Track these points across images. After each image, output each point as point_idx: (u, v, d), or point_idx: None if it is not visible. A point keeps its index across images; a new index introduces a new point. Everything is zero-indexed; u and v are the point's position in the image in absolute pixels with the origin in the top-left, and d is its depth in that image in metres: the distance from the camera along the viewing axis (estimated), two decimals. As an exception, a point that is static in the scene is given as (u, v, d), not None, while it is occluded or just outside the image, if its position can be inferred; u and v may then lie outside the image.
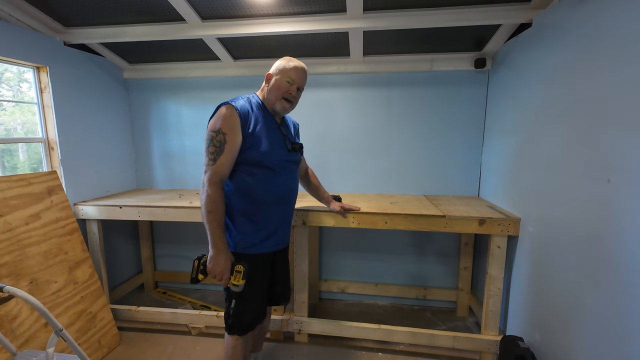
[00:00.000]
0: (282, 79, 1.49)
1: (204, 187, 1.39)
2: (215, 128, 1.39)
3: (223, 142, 1.38)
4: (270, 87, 1.51)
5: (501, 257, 1.98)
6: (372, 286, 2.81)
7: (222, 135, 1.38)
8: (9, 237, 1.79)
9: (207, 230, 1.39)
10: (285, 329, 2.26)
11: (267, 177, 1.49)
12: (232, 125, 1.39)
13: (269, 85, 1.52)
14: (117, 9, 2.04)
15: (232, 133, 1.39)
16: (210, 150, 1.38)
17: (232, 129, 1.39)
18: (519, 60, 2.00)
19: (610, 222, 1.27)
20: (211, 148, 1.38)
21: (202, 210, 1.40)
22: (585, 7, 1.44)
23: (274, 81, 1.51)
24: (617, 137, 1.25)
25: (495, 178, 2.32)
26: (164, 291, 3.07)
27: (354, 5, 1.88)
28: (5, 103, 2.19)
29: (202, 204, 1.39)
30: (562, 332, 1.55)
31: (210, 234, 1.39)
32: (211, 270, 1.42)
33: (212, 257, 1.41)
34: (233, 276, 1.43)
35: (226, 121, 1.39)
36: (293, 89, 1.50)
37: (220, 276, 1.41)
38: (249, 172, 1.47)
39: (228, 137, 1.38)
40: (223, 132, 1.38)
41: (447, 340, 2.07)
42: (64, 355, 1.47)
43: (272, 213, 1.54)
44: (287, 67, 1.50)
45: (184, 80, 2.80)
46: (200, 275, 1.45)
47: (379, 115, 2.63)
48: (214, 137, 1.38)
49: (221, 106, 1.44)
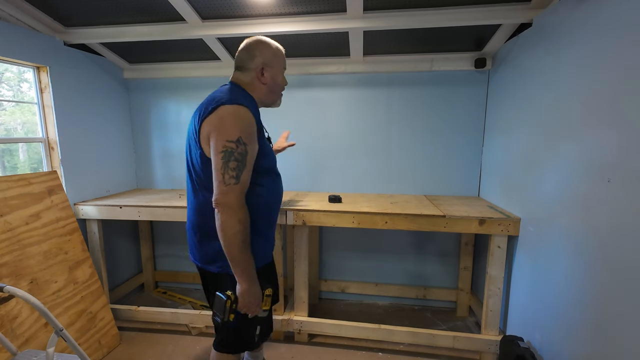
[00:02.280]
0: (279, 72, 1.32)
1: (230, 212, 1.12)
2: (233, 137, 1.11)
3: (244, 154, 1.13)
4: (271, 84, 1.31)
5: (501, 257, 1.98)
6: (372, 286, 2.81)
7: (244, 146, 1.13)
8: (9, 237, 1.79)
9: (236, 262, 1.17)
10: (285, 329, 2.26)
11: (274, 183, 1.34)
12: (252, 133, 1.17)
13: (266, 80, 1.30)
14: (117, 9, 2.04)
15: (252, 142, 1.17)
16: (231, 166, 1.11)
17: (252, 137, 1.17)
18: (519, 60, 2.00)
19: (610, 222, 1.27)
20: (232, 163, 1.11)
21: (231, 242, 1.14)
22: (585, 7, 1.44)
23: (271, 76, 1.30)
24: (617, 137, 1.25)
25: (495, 178, 2.32)
26: (164, 291, 3.07)
27: (354, 5, 1.87)
28: (5, 103, 2.20)
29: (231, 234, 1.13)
30: (562, 332, 1.55)
31: (244, 266, 1.17)
32: (246, 304, 1.22)
33: (246, 290, 1.20)
34: (263, 302, 1.28)
35: (245, 128, 1.14)
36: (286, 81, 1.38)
37: (255, 308, 1.24)
38: (259, 183, 1.26)
39: (249, 148, 1.15)
40: (244, 142, 1.13)
41: (447, 340, 2.07)
42: (64, 355, 1.47)
43: (275, 218, 1.42)
44: (280, 54, 1.32)
45: (184, 80, 2.80)
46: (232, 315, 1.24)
47: (379, 115, 2.63)
48: (235, 149, 1.11)
49: (224, 105, 1.15)
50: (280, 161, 1.79)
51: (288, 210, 2.11)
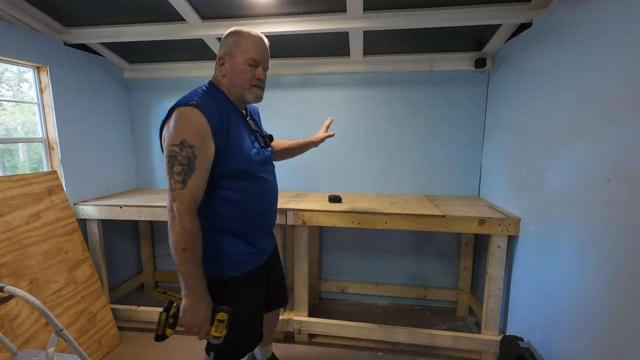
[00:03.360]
0: (240, 61, 1.19)
1: (173, 219, 1.08)
2: (176, 141, 1.07)
3: (192, 157, 1.07)
4: (230, 75, 1.21)
5: (501, 257, 1.98)
6: (372, 286, 2.81)
7: (189, 149, 1.07)
8: (9, 237, 1.79)
9: (180, 274, 1.09)
10: (285, 329, 2.26)
11: (252, 187, 1.25)
12: (201, 133, 1.09)
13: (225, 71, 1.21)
14: (117, 9, 2.04)
15: (202, 144, 1.09)
16: (175, 170, 1.07)
17: (201, 138, 1.09)
18: (519, 60, 2.00)
19: (610, 222, 1.27)
20: (177, 167, 1.07)
21: (172, 248, 1.09)
22: (586, 7, 1.44)
23: (230, 66, 1.20)
24: (617, 137, 1.25)
25: (495, 178, 2.32)
26: (164, 291, 3.05)
27: (354, 5, 1.87)
28: (5, 103, 2.20)
29: (173, 241, 1.08)
30: (562, 332, 1.55)
31: (186, 278, 1.09)
32: (186, 322, 1.10)
33: (188, 306, 1.10)
34: (214, 327, 1.13)
35: (192, 129, 1.07)
36: (259, 72, 1.22)
37: (197, 329, 1.11)
38: (230, 187, 1.20)
39: (197, 151, 1.07)
40: (189, 144, 1.07)
41: (447, 340, 2.07)
42: (64, 355, 1.47)
43: (262, 222, 1.34)
44: (244, 45, 1.18)
45: (184, 80, 2.80)
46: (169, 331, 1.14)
47: (379, 115, 2.63)
48: (178, 152, 1.06)
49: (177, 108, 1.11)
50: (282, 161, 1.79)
51: (288, 210, 2.11)
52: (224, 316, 1.12)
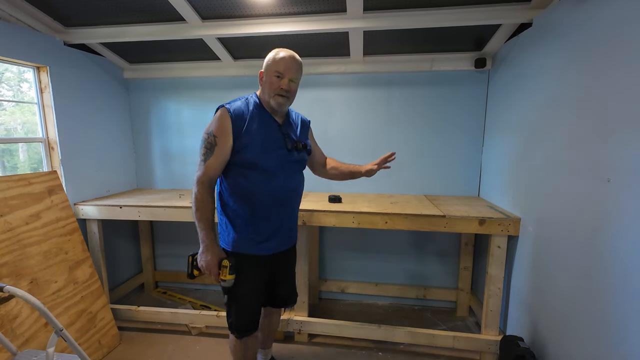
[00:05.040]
0: (270, 74, 1.45)
1: (194, 186, 1.44)
2: (208, 130, 1.43)
3: (213, 144, 1.41)
4: (263, 85, 1.49)
5: (501, 257, 1.98)
6: (372, 286, 2.81)
7: (213, 137, 1.41)
8: (9, 237, 1.79)
9: (196, 225, 1.44)
10: (285, 329, 2.26)
11: (263, 179, 1.47)
12: (224, 128, 1.41)
13: (262, 83, 1.50)
14: (117, 9, 2.04)
15: (223, 136, 1.41)
16: (202, 151, 1.43)
17: (223, 132, 1.41)
18: (519, 60, 2.00)
19: (610, 222, 1.27)
20: (203, 149, 1.43)
21: (193, 208, 1.44)
22: (586, 7, 1.44)
23: (265, 77, 1.48)
24: (617, 137, 1.25)
25: (495, 178, 2.32)
26: (164, 291, 3.07)
27: (354, 5, 1.87)
28: (5, 103, 2.20)
29: (192, 202, 1.44)
30: (561, 332, 1.55)
31: (199, 231, 1.44)
32: (201, 264, 1.46)
33: (201, 252, 1.45)
34: (221, 271, 1.45)
35: (218, 124, 1.42)
36: (284, 83, 1.44)
37: (209, 272, 1.45)
38: (243, 174, 1.46)
39: (218, 140, 1.41)
40: (214, 134, 1.41)
41: (447, 340, 2.07)
42: (64, 355, 1.47)
43: (270, 216, 1.52)
44: (274, 60, 1.44)
45: (184, 80, 2.80)
46: (196, 271, 1.51)
47: (379, 115, 2.63)
48: (206, 139, 1.43)
49: (219, 108, 1.47)
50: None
51: (288, 210, 2.11)
52: (226, 263, 1.45)
